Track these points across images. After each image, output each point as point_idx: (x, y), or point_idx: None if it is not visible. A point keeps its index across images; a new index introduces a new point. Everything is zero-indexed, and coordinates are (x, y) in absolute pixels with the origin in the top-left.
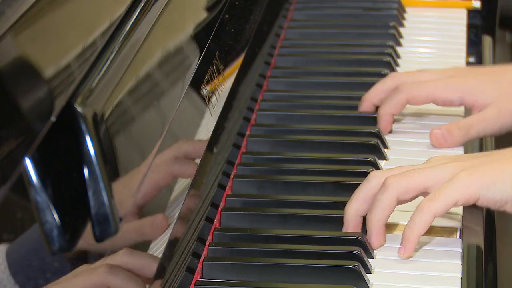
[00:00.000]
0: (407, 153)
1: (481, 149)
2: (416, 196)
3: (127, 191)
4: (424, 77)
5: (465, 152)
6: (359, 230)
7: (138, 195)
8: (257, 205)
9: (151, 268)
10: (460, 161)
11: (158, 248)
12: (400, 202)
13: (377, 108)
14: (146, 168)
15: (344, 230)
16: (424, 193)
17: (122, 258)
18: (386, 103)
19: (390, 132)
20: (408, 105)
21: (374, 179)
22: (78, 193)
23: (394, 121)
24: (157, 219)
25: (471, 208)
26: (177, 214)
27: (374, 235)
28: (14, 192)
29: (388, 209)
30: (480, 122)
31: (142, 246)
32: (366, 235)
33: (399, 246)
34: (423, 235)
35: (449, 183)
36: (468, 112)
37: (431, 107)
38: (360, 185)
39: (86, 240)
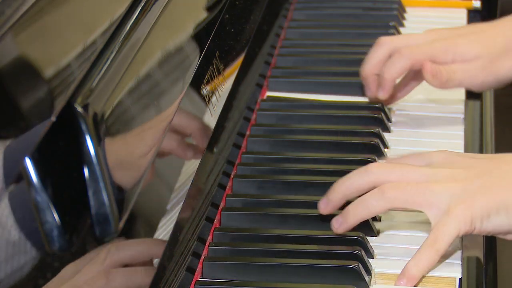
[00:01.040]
0: (407, 153)
1: (481, 145)
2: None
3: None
4: (414, 40)
5: (465, 144)
6: (335, 210)
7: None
8: (257, 205)
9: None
10: (459, 177)
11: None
12: (389, 208)
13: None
14: (146, 168)
15: (322, 204)
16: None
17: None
18: (391, 68)
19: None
20: (406, 103)
21: (373, 171)
22: (78, 193)
23: (393, 121)
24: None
25: None
26: (178, 214)
27: (346, 226)
28: (14, 192)
29: (374, 214)
30: (464, 72)
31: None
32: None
33: (399, 277)
34: None
35: (448, 220)
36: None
37: (431, 104)
38: (357, 171)
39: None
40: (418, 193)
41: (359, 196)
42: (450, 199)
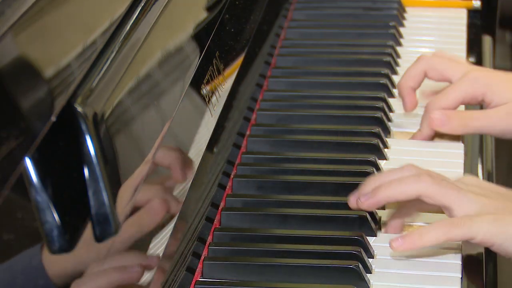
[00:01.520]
0: (407, 153)
1: (481, 146)
2: (435, 206)
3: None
4: (453, 68)
5: (465, 145)
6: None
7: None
8: (257, 205)
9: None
10: (491, 198)
11: (159, 246)
12: (418, 197)
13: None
14: (146, 168)
15: (354, 194)
16: (444, 207)
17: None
18: (422, 124)
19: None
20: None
21: (410, 171)
22: (78, 193)
23: (393, 121)
24: (154, 204)
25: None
26: (177, 214)
27: (374, 201)
28: (14, 192)
29: (405, 195)
30: (483, 118)
31: (143, 242)
32: (365, 236)
33: (396, 237)
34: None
35: (474, 219)
36: (469, 107)
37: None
38: (394, 169)
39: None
40: (452, 190)
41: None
42: (481, 208)
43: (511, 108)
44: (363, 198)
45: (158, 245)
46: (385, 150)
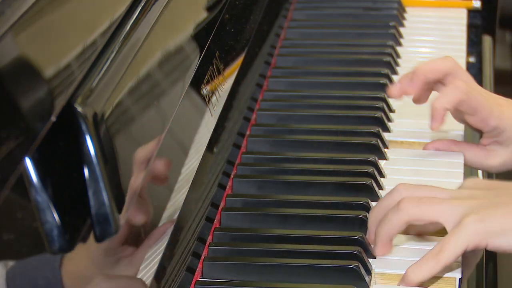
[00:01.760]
0: (407, 153)
1: None
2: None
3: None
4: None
5: (465, 133)
6: (390, 247)
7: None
8: (257, 205)
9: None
10: (477, 198)
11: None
12: (408, 221)
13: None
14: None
15: (367, 235)
16: (435, 223)
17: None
18: (442, 97)
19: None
20: (406, 102)
21: (399, 192)
22: (78, 193)
23: (393, 121)
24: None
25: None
26: (177, 214)
27: (380, 246)
28: (14, 192)
29: (397, 229)
30: (477, 162)
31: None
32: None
33: (399, 283)
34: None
35: (456, 231)
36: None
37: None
38: (387, 194)
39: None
40: (433, 205)
41: None
42: (465, 211)
43: (508, 157)
44: (373, 250)
45: (158, 245)
46: (385, 150)
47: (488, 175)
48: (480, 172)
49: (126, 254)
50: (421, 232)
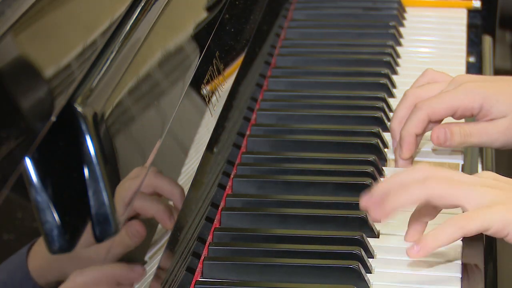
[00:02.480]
0: None
1: (481, 154)
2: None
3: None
4: (437, 88)
5: (464, 155)
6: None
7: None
8: (257, 205)
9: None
10: (503, 189)
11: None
12: (427, 197)
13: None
14: (146, 169)
15: (366, 200)
16: (455, 206)
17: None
18: (407, 123)
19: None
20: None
21: (420, 171)
22: (78, 193)
23: None
24: (132, 227)
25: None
26: (177, 214)
27: (384, 213)
28: (14, 192)
29: (412, 203)
30: (483, 134)
31: (139, 251)
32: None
33: (411, 245)
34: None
35: (487, 210)
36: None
37: None
38: (404, 170)
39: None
40: (460, 188)
41: None
42: (493, 199)
43: (510, 122)
44: (373, 207)
45: (158, 246)
46: (385, 150)
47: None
48: (479, 168)
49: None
50: (435, 211)
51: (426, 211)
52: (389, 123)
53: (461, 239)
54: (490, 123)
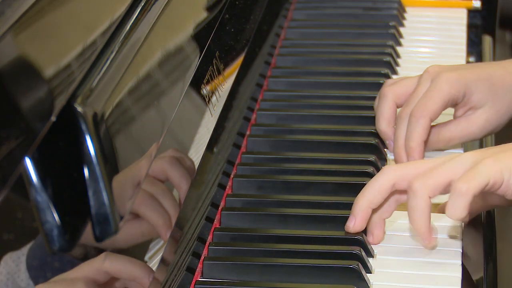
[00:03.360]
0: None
1: (481, 143)
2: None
3: (127, 191)
4: (411, 82)
5: (465, 149)
6: (365, 223)
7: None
8: (257, 205)
9: (132, 274)
10: (478, 151)
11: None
12: (430, 199)
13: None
14: (146, 168)
15: (350, 222)
16: (447, 185)
17: (104, 263)
18: (413, 134)
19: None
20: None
21: (390, 172)
22: (78, 193)
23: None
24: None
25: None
26: (177, 213)
27: (424, 239)
28: (14, 192)
29: (427, 211)
30: (464, 135)
31: (140, 248)
32: (366, 236)
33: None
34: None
35: (478, 165)
36: None
37: None
38: (375, 177)
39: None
40: (443, 170)
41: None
42: (474, 159)
43: (488, 113)
44: (349, 222)
45: (158, 246)
46: (385, 150)
47: None
48: None
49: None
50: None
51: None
52: None
53: (461, 239)
54: (469, 121)
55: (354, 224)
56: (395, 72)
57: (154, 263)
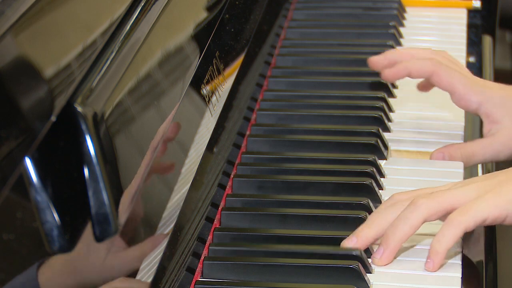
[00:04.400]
0: (406, 154)
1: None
2: (441, 217)
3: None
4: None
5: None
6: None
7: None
8: (257, 205)
9: None
10: (479, 181)
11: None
12: (425, 218)
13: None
14: (146, 168)
15: (377, 254)
16: (449, 211)
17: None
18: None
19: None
20: (407, 106)
21: (400, 202)
22: (78, 193)
23: (393, 121)
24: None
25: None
26: (177, 213)
27: (390, 251)
28: (14, 192)
29: (414, 228)
30: (487, 151)
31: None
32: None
33: (426, 260)
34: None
35: (478, 200)
36: (469, 124)
37: (430, 111)
38: (384, 207)
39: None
40: (448, 195)
41: None
42: (478, 191)
43: (508, 134)
44: (377, 254)
45: (158, 246)
46: (385, 150)
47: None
48: (480, 171)
49: (124, 253)
50: None
51: None
52: (389, 123)
53: (461, 239)
54: (489, 140)
55: (381, 257)
56: None
57: (154, 263)
